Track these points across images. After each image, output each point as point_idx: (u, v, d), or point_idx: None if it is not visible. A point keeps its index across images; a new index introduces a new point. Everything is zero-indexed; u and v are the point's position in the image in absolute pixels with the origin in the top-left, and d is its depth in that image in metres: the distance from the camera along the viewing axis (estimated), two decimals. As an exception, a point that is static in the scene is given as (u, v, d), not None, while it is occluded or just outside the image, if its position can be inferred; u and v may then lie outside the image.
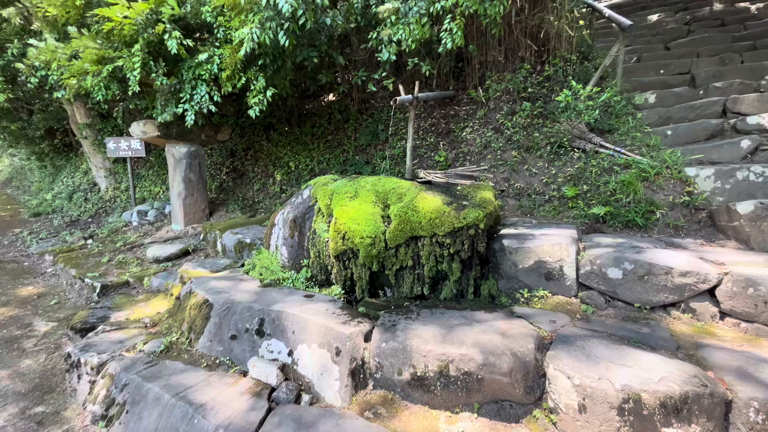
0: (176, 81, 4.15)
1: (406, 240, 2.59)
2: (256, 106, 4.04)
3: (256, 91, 3.99)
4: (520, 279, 2.59)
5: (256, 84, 3.96)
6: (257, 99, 4.00)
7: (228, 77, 3.93)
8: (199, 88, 4.10)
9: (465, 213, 2.38)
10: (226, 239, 4.43)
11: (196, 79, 4.10)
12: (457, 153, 5.62)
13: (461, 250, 2.49)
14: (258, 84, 3.94)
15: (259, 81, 3.94)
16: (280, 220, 3.45)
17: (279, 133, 7.32)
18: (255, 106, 4.05)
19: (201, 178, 5.78)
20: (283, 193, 6.37)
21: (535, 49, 5.84)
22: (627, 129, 4.13)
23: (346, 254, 2.73)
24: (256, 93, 4.00)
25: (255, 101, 4.02)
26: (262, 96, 4.00)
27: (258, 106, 4.04)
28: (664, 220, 3.07)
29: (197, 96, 4.11)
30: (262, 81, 3.93)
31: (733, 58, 5.42)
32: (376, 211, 2.71)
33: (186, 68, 4.15)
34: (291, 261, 3.23)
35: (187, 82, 4.11)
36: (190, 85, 4.11)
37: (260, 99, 4.00)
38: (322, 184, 3.18)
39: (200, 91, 4.10)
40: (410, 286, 2.71)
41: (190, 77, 4.10)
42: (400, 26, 3.82)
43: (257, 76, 4.00)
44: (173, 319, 2.99)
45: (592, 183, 3.96)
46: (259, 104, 4.02)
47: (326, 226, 2.91)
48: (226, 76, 3.92)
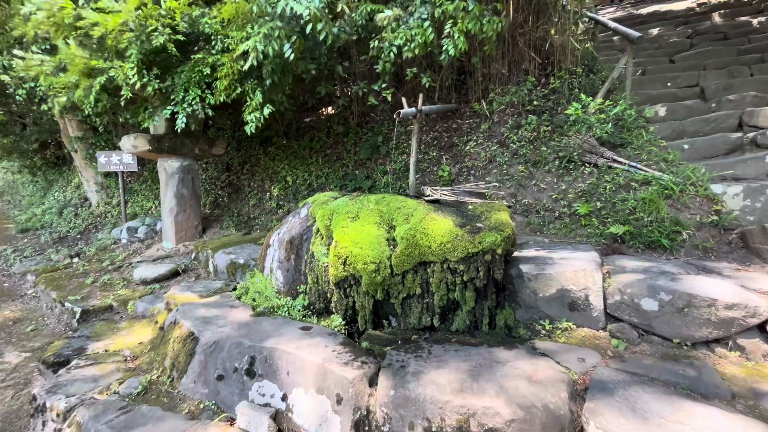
0: (169, 83, 3.94)
1: (414, 266, 2.34)
2: (252, 123, 3.83)
3: (252, 107, 3.79)
4: (541, 309, 2.34)
5: (253, 99, 3.76)
6: (253, 116, 3.79)
7: (224, 87, 3.73)
8: (191, 90, 3.89)
9: (481, 237, 2.14)
10: (219, 259, 4.16)
11: (189, 82, 3.89)
12: (460, 167, 5.42)
13: (476, 278, 2.24)
14: (255, 99, 3.74)
15: (255, 96, 3.74)
16: (276, 240, 3.20)
17: (276, 146, 7.12)
18: (251, 122, 3.84)
19: (194, 193, 5.54)
20: (279, 209, 6.13)
21: (539, 61, 5.71)
22: (641, 143, 3.95)
23: (348, 281, 2.47)
24: (252, 109, 3.80)
25: (251, 118, 3.82)
26: (259, 113, 3.80)
27: (254, 123, 3.83)
28: (692, 242, 2.84)
29: (189, 98, 3.90)
30: (259, 96, 3.73)
31: (742, 71, 5.30)
32: (381, 234, 2.47)
33: (178, 73, 3.94)
34: (287, 286, 2.97)
35: (180, 86, 3.90)
36: (183, 88, 3.90)
37: (257, 116, 3.80)
38: (321, 202, 2.94)
39: (192, 94, 3.89)
40: (418, 316, 2.45)
41: (183, 81, 3.89)
42: (401, 32, 3.65)
43: (254, 89, 3.80)
44: (155, 352, 2.70)
45: (606, 200, 3.75)
46: (256, 121, 3.81)
47: (325, 249, 2.66)
48: (222, 87, 3.72)
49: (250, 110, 3.80)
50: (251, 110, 3.79)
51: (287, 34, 3.37)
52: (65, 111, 4.42)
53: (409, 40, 3.53)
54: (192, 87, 3.87)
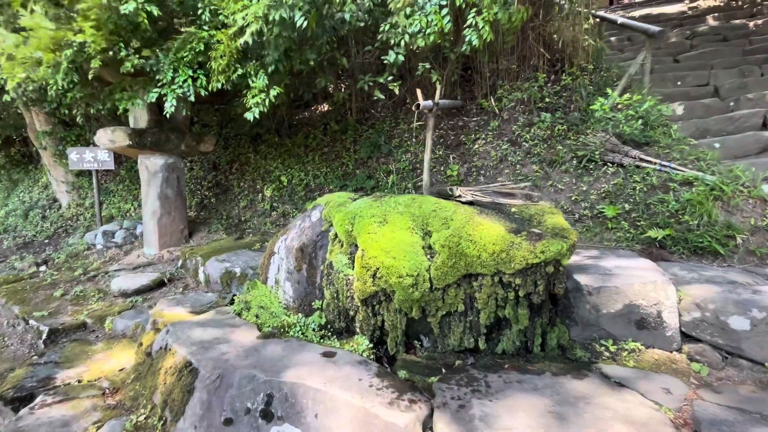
0: (153, 61, 3.45)
1: (457, 279, 1.99)
2: (255, 108, 3.40)
3: (257, 90, 3.35)
4: (603, 327, 2.03)
5: (257, 81, 3.32)
6: (257, 99, 3.36)
7: (222, 69, 3.27)
8: (182, 71, 3.41)
9: (543, 245, 1.81)
10: (211, 268, 3.70)
11: (179, 60, 3.42)
12: (469, 167, 5.12)
13: (533, 293, 1.91)
14: (258, 82, 3.31)
15: (259, 78, 3.31)
16: (282, 248, 2.79)
17: (268, 144, 6.66)
18: (254, 107, 3.40)
19: (179, 194, 5.03)
20: (273, 211, 5.67)
21: (548, 57, 5.47)
22: (669, 142, 3.73)
23: (377, 297, 2.10)
24: (256, 92, 3.37)
25: (255, 101, 3.38)
26: (264, 95, 3.37)
27: (258, 108, 3.40)
28: (746, 247, 2.60)
29: (179, 79, 3.42)
30: (263, 78, 3.30)
31: (753, 71, 5.21)
32: (416, 241, 2.11)
33: (164, 50, 3.45)
34: (297, 301, 2.57)
35: (167, 65, 3.42)
36: (171, 68, 3.42)
37: (261, 99, 3.36)
38: (337, 204, 2.56)
39: (182, 74, 3.41)
40: (459, 336, 2.10)
41: (171, 59, 3.41)
42: (416, 17, 3.31)
43: (257, 71, 3.36)
44: (141, 383, 2.25)
45: (636, 201, 3.50)
46: (260, 105, 3.38)
47: (347, 258, 2.28)
48: (219, 68, 3.26)
49: (253, 94, 3.37)
50: (255, 94, 3.36)
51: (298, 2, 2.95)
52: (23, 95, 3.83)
53: (424, 27, 3.18)
54: (182, 67, 3.40)
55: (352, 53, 5.91)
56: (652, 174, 3.44)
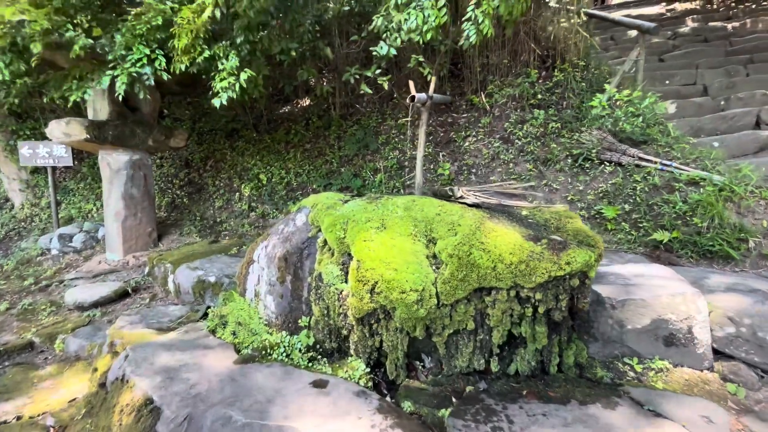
0: (106, 42, 3.02)
1: (468, 294, 1.74)
2: (224, 93, 3.02)
3: (226, 73, 2.97)
4: (627, 344, 1.83)
5: (226, 63, 2.94)
6: (226, 83, 2.97)
7: (185, 48, 2.87)
8: (136, 48, 2.98)
9: (569, 256, 1.58)
10: (182, 276, 3.32)
11: (133, 37, 2.99)
12: (460, 165, 4.91)
13: (554, 309, 1.68)
14: (229, 63, 2.93)
15: (230, 59, 2.94)
16: (262, 255, 2.47)
17: (245, 140, 6.24)
18: (222, 92, 3.02)
19: (147, 193, 4.58)
20: (251, 212, 5.29)
21: (538, 53, 5.32)
22: (668, 140, 3.62)
23: (375, 315, 1.82)
24: (225, 75, 2.99)
25: (224, 85, 3.00)
26: (234, 79, 2.99)
27: (227, 93, 3.02)
28: (759, 251, 2.48)
29: (132, 57, 2.99)
30: (234, 59, 2.93)
31: (738, 71, 5.23)
32: (419, 250, 1.84)
33: (119, 29, 3.02)
34: (281, 317, 2.26)
35: (120, 43, 2.99)
36: (123, 46, 2.99)
37: (231, 83, 2.98)
38: (326, 206, 2.26)
39: (137, 53, 2.98)
40: (468, 357, 1.85)
41: (126, 37, 2.98)
42: (413, 11, 3.04)
43: (228, 53, 2.99)
44: (93, 422, 1.89)
45: (636, 202, 3.37)
46: (229, 89, 3.00)
47: (338, 269, 1.99)
48: (182, 46, 2.86)
49: (221, 77, 2.99)
50: (223, 77, 2.98)
51: None
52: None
53: (420, 24, 2.92)
54: (137, 44, 2.98)
55: (335, 44, 5.59)
56: (653, 173, 3.31)
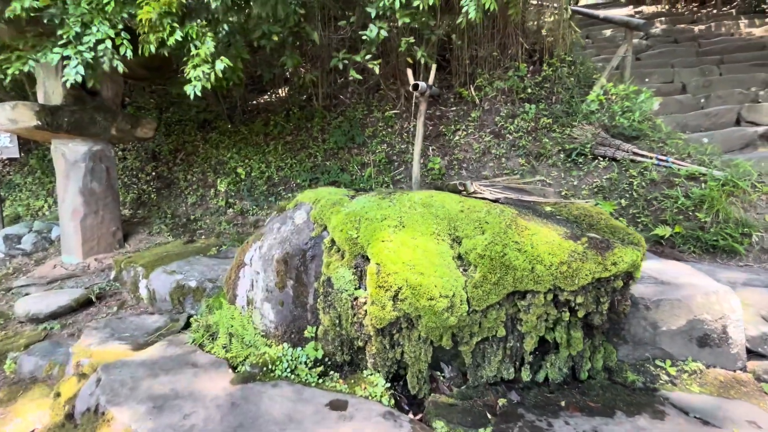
0: (56, 9, 2.56)
1: (501, 298, 1.58)
2: (197, 82, 2.65)
3: (200, 59, 2.60)
4: (660, 346, 1.74)
5: (201, 47, 2.58)
6: (200, 72, 2.61)
7: (152, 25, 2.47)
8: (96, 27, 2.54)
9: (615, 255, 1.46)
10: (158, 281, 2.96)
11: (92, 11, 2.55)
12: (450, 160, 4.78)
13: (595, 312, 1.55)
14: (203, 48, 2.57)
15: (205, 43, 2.58)
16: (256, 258, 2.20)
17: (220, 132, 5.81)
18: (196, 81, 2.66)
19: (110, 188, 4.11)
20: (230, 208, 4.92)
21: (526, 47, 5.28)
22: (661, 135, 3.65)
23: (398, 324, 1.62)
24: (199, 62, 2.62)
25: (197, 75, 2.64)
26: (209, 68, 2.62)
27: (200, 82, 2.66)
28: (761, 245, 2.50)
29: (90, 37, 2.55)
30: (209, 43, 2.57)
31: (712, 70, 5.44)
32: (444, 250, 1.66)
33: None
34: (282, 327, 2.01)
35: (74, 16, 2.54)
36: (78, 20, 2.54)
37: (205, 72, 2.62)
38: (331, 203, 2.03)
39: (98, 32, 2.53)
40: (497, 366, 1.70)
41: (82, 9, 2.53)
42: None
43: (202, 34, 2.62)
44: (60, 463, 1.58)
45: (633, 197, 3.37)
46: (203, 79, 2.64)
47: (351, 273, 1.77)
48: (147, 23, 2.45)
49: (194, 63, 2.62)
50: (197, 63, 2.61)
51: None
52: None
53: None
54: (97, 20, 2.56)
55: (319, 30, 5.29)
56: (650, 168, 3.32)
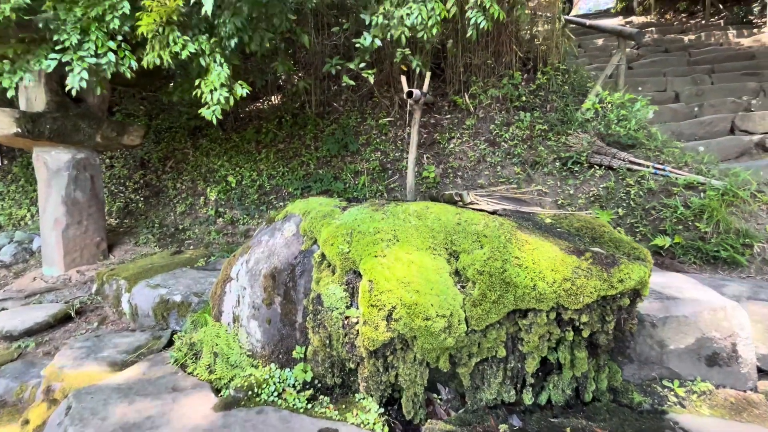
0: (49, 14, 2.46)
1: (501, 317, 1.49)
2: (216, 106, 2.53)
3: (219, 84, 2.49)
4: (667, 365, 1.66)
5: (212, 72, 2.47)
6: (221, 96, 2.49)
7: (153, 34, 2.37)
8: (94, 34, 2.44)
9: (621, 272, 1.38)
10: (140, 295, 2.83)
11: (90, 19, 2.45)
12: (445, 168, 4.72)
13: (600, 332, 1.47)
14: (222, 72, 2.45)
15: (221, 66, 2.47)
16: (243, 272, 2.10)
17: (210, 139, 5.71)
18: (214, 105, 2.54)
19: (95, 197, 3.97)
20: (219, 218, 4.80)
21: (520, 56, 5.27)
22: (658, 144, 3.62)
23: (392, 345, 1.52)
24: (216, 86, 2.50)
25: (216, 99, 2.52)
26: (227, 92, 2.51)
27: (219, 106, 2.55)
28: (763, 256, 2.45)
29: (89, 45, 2.45)
30: (225, 68, 2.47)
31: (704, 79, 5.48)
32: (441, 266, 1.57)
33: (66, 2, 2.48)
34: (269, 346, 1.90)
35: (72, 23, 2.45)
36: (77, 28, 2.45)
37: (225, 97, 2.51)
38: (321, 214, 1.93)
39: (96, 39, 2.44)
40: (497, 388, 1.60)
41: (79, 16, 2.44)
42: (413, 4, 2.79)
43: (213, 50, 2.51)
44: (23, 501, 1.44)
45: (631, 206, 3.32)
46: (222, 103, 2.53)
47: (342, 290, 1.67)
48: (150, 33, 2.35)
49: (209, 87, 2.51)
50: (212, 88, 2.51)
51: None
52: None
53: (425, 18, 2.66)
54: (95, 29, 2.46)
55: (312, 36, 5.24)
56: (647, 177, 3.27)
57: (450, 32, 4.98)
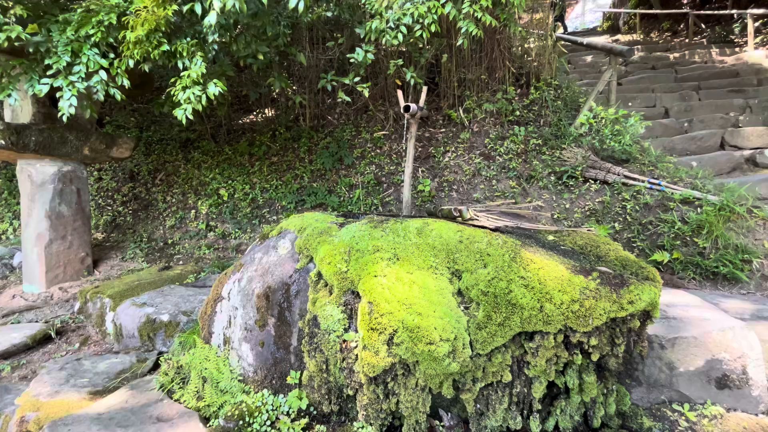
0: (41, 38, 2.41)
1: (506, 340, 1.43)
2: (187, 105, 2.49)
3: (190, 81, 2.45)
4: (677, 388, 1.61)
5: (191, 68, 2.44)
6: (191, 94, 2.45)
7: (137, 41, 2.31)
8: (85, 56, 2.39)
9: (631, 293, 1.33)
10: (125, 314, 2.71)
11: (81, 41, 2.41)
12: (440, 181, 4.70)
13: (610, 355, 1.41)
14: (194, 69, 2.43)
15: (195, 64, 2.44)
16: (235, 292, 2.01)
17: (202, 151, 5.63)
18: (185, 103, 2.50)
19: (81, 211, 3.85)
20: (210, 232, 4.68)
21: (513, 71, 5.34)
22: (651, 159, 3.64)
23: (393, 371, 1.45)
24: (189, 83, 2.46)
25: (187, 97, 2.48)
26: (200, 90, 2.47)
27: (190, 105, 2.50)
28: (762, 272, 2.44)
29: (80, 67, 2.39)
30: (201, 65, 2.44)
31: (691, 96, 5.60)
32: (444, 286, 1.51)
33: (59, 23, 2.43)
34: (262, 371, 1.80)
35: (62, 44, 2.39)
36: (68, 49, 2.39)
37: (196, 95, 2.46)
38: (318, 231, 1.87)
39: (87, 61, 2.39)
40: (503, 415, 1.52)
41: (69, 37, 2.39)
42: (410, 6, 2.80)
43: (192, 52, 2.49)
44: None
45: (628, 221, 3.31)
46: (194, 102, 2.48)
47: (340, 312, 1.59)
48: (134, 39, 2.30)
49: (183, 84, 2.46)
50: (186, 84, 2.46)
51: None
52: None
53: (423, 13, 2.67)
54: (85, 49, 2.40)
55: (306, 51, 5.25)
56: (643, 192, 3.28)
57: (444, 47, 5.03)
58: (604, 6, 17.61)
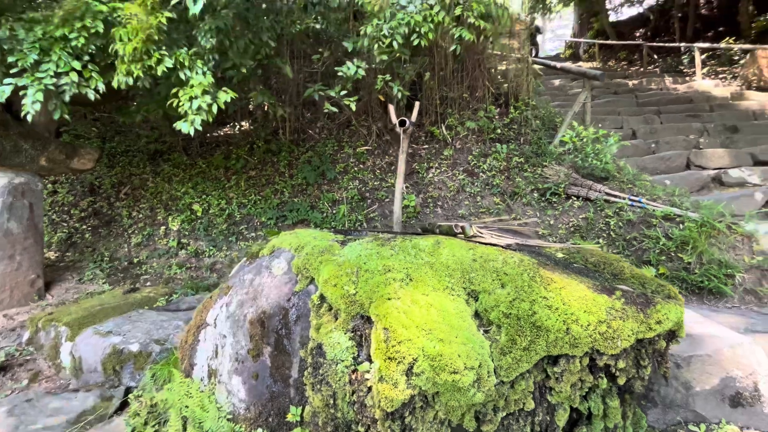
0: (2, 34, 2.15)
1: (531, 365, 1.34)
2: (195, 116, 2.30)
3: (200, 91, 2.27)
4: (693, 408, 1.58)
5: (196, 78, 2.27)
6: (202, 103, 2.28)
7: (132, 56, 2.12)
8: (56, 54, 2.15)
9: (659, 312, 1.29)
10: (86, 345, 2.39)
11: (52, 42, 2.17)
12: (425, 197, 4.68)
13: (636, 377, 1.36)
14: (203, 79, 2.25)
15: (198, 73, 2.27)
16: (222, 317, 1.81)
17: (173, 164, 5.31)
18: (194, 115, 2.31)
19: (33, 228, 3.45)
20: (182, 249, 4.36)
21: (492, 91, 5.50)
22: (629, 177, 3.79)
23: (411, 404, 1.31)
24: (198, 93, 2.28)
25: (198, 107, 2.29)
26: (210, 99, 2.31)
27: (199, 116, 2.32)
28: (744, 286, 2.54)
29: (50, 66, 2.14)
30: (208, 75, 2.28)
31: (654, 119, 5.98)
32: (462, 309, 1.41)
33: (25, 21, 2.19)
34: (256, 407, 1.60)
35: (29, 43, 2.15)
36: (36, 48, 2.14)
37: (207, 104, 2.29)
38: (318, 250, 1.72)
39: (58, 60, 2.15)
40: (524, 446, 1.42)
41: (37, 35, 2.15)
42: (405, 15, 2.79)
43: (193, 62, 2.31)
44: None
45: (612, 237, 3.39)
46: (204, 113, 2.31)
47: (348, 339, 1.45)
48: (129, 52, 2.11)
49: (191, 94, 2.28)
50: (193, 95, 2.28)
51: None
52: None
53: (420, 21, 2.66)
54: (58, 49, 2.17)
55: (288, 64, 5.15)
56: (625, 208, 3.39)
57: (427, 65, 5.10)
58: (562, 36, 18.93)
